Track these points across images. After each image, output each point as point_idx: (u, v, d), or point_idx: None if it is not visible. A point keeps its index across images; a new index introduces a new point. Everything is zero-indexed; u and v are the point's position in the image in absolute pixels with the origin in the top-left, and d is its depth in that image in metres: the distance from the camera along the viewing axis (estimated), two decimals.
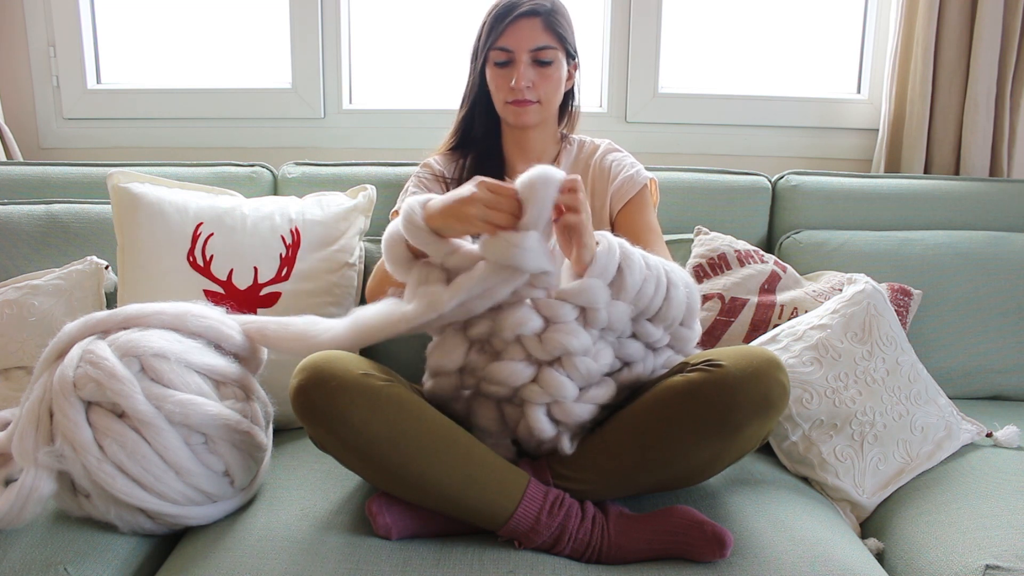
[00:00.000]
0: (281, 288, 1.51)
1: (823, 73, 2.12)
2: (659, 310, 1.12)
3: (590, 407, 1.12)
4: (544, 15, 1.42)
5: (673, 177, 1.81)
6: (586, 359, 1.09)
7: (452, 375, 1.15)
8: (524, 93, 1.43)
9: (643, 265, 1.11)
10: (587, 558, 1.06)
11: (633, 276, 1.09)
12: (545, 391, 1.09)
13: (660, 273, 1.13)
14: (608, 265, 1.08)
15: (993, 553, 1.08)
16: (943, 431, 1.38)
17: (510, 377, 1.10)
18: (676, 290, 1.13)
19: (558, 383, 1.09)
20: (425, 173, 1.56)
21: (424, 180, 1.55)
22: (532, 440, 1.12)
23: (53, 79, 2.05)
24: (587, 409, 1.12)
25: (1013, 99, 1.91)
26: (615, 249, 1.09)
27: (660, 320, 1.14)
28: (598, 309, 1.08)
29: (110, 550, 1.08)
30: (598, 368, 1.11)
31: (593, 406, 1.12)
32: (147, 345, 1.10)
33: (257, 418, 1.19)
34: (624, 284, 1.09)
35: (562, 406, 1.10)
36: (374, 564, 1.02)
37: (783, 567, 1.03)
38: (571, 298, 1.08)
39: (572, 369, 1.09)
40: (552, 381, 1.09)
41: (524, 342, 1.10)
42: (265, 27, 2.08)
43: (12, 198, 1.72)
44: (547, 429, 1.11)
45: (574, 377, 1.10)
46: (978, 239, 1.74)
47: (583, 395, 1.11)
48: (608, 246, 1.09)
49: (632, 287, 1.09)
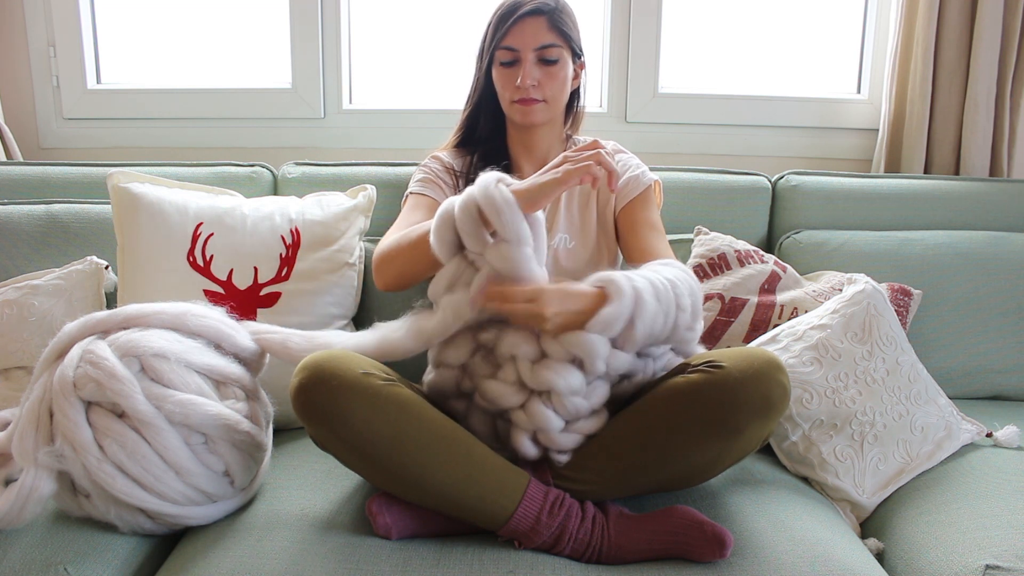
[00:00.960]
0: (281, 288, 1.51)
1: (823, 73, 2.12)
2: (666, 337, 1.13)
3: (576, 437, 1.12)
4: (549, 14, 1.42)
5: (673, 177, 1.81)
6: (574, 399, 1.09)
7: (454, 369, 1.16)
8: (530, 92, 1.43)
9: (655, 308, 1.08)
10: (587, 558, 1.06)
11: (644, 325, 1.07)
12: (530, 420, 1.10)
13: (670, 304, 1.10)
14: (614, 323, 1.06)
15: (993, 553, 1.08)
16: (943, 431, 1.38)
17: (499, 398, 1.12)
18: (683, 314, 1.11)
19: (543, 416, 1.09)
20: (434, 164, 1.54)
21: (434, 170, 1.53)
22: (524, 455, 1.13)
23: (53, 79, 2.05)
24: (573, 439, 1.12)
25: (1013, 99, 1.91)
26: (626, 305, 1.05)
27: (666, 342, 1.15)
28: (594, 361, 1.08)
29: (110, 550, 1.08)
30: (588, 406, 1.11)
31: (580, 436, 1.13)
32: (147, 345, 1.10)
33: (257, 418, 1.19)
34: (633, 336, 1.08)
35: (547, 435, 1.11)
36: (374, 564, 1.02)
37: (783, 567, 1.03)
38: (569, 347, 1.07)
39: (559, 406, 1.09)
40: (537, 413, 1.09)
41: (518, 365, 1.11)
42: (265, 27, 2.08)
43: (12, 198, 1.72)
44: (531, 452, 1.12)
45: (560, 413, 1.10)
46: (978, 239, 1.74)
47: (570, 427, 1.12)
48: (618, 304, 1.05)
49: (641, 338, 1.08)
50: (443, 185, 1.50)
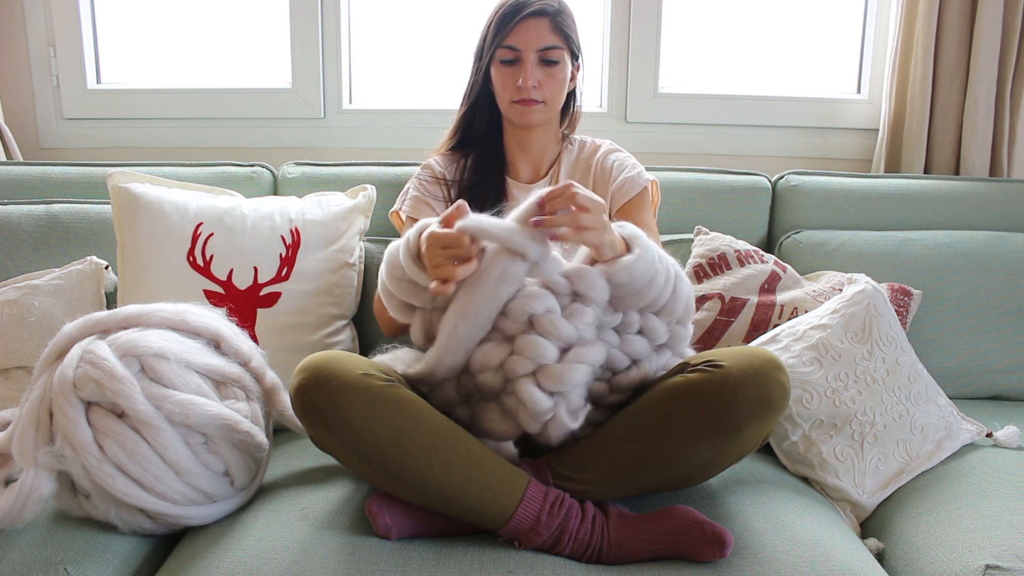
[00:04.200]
0: (281, 288, 1.51)
1: (823, 73, 2.12)
2: (666, 304, 1.13)
3: (580, 367, 1.08)
4: (552, 15, 1.42)
5: (673, 177, 1.81)
6: (552, 315, 1.08)
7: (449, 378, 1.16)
8: (530, 92, 1.44)
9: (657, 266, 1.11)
10: (587, 558, 1.06)
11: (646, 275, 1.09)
12: (523, 356, 1.08)
13: (669, 268, 1.13)
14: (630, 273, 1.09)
15: (993, 553, 1.08)
16: (943, 431, 1.38)
17: (486, 358, 1.10)
18: (681, 284, 1.14)
19: (533, 344, 1.07)
20: (426, 175, 1.56)
21: (425, 182, 1.55)
22: (535, 423, 1.08)
23: (53, 79, 2.05)
24: (576, 369, 1.07)
25: (1013, 99, 1.91)
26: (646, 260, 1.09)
27: (666, 315, 1.14)
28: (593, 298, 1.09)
29: (110, 550, 1.08)
30: (575, 331, 1.08)
31: (584, 366, 1.08)
32: (147, 345, 1.10)
33: (257, 418, 1.19)
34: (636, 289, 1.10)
35: (547, 371, 1.07)
36: (374, 564, 1.02)
37: (783, 567, 1.03)
38: (575, 279, 1.09)
39: (544, 329, 1.07)
40: (527, 344, 1.07)
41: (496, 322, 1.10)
42: (265, 27, 2.08)
43: (12, 198, 1.72)
44: (541, 400, 1.06)
45: (549, 337, 1.08)
46: (978, 239, 1.74)
47: (567, 356, 1.08)
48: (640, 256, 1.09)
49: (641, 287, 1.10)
50: (431, 201, 1.53)
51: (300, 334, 1.52)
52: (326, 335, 1.55)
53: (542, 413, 1.07)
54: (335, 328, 1.57)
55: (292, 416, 1.15)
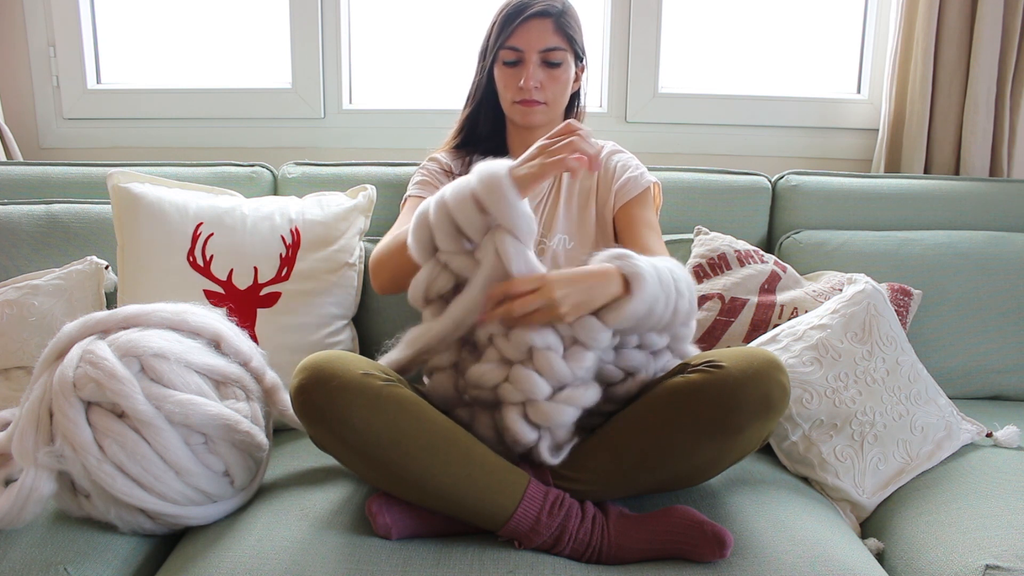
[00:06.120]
0: (281, 288, 1.51)
1: (823, 73, 2.12)
2: (667, 324, 1.13)
3: (569, 409, 1.09)
4: (555, 16, 1.42)
5: (673, 177, 1.81)
6: (550, 354, 1.08)
7: (447, 371, 1.16)
8: (532, 93, 1.44)
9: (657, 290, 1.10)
10: (587, 558, 1.06)
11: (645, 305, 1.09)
12: (516, 388, 1.08)
13: (671, 287, 1.11)
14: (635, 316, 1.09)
15: (993, 553, 1.08)
16: (943, 431, 1.38)
17: (482, 378, 1.11)
18: (682, 300, 1.13)
19: (527, 379, 1.07)
20: (433, 166, 1.55)
21: (432, 172, 1.54)
22: (518, 446, 1.11)
23: (53, 79, 2.05)
24: (564, 411, 1.09)
25: (1013, 99, 1.91)
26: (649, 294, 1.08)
27: (666, 330, 1.14)
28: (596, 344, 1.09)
29: (110, 550, 1.08)
30: (571, 372, 1.09)
31: (573, 409, 1.09)
32: (147, 345, 1.10)
33: (257, 418, 1.19)
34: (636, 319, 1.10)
35: (536, 406, 1.08)
36: (374, 564, 1.02)
37: (783, 567, 1.03)
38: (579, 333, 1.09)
39: (540, 365, 1.08)
40: (521, 377, 1.08)
41: (496, 342, 1.11)
42: (265, 27, 2.08)
43: (12, 198, 1.72)
44: (525, 432, 1.08)
45: (543, 374, 1.08)
46: (978, 239, 1.74)
47: (558, 395, 1.09)
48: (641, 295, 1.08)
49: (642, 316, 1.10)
50: (440, 187, 1.50)
51: (300, 334, 1.52)
52: (326, 335, 1.55)
53: (525, 444, 1.10)
54: (335, 328, 1.57)
55: (293, 415, 1.15)
